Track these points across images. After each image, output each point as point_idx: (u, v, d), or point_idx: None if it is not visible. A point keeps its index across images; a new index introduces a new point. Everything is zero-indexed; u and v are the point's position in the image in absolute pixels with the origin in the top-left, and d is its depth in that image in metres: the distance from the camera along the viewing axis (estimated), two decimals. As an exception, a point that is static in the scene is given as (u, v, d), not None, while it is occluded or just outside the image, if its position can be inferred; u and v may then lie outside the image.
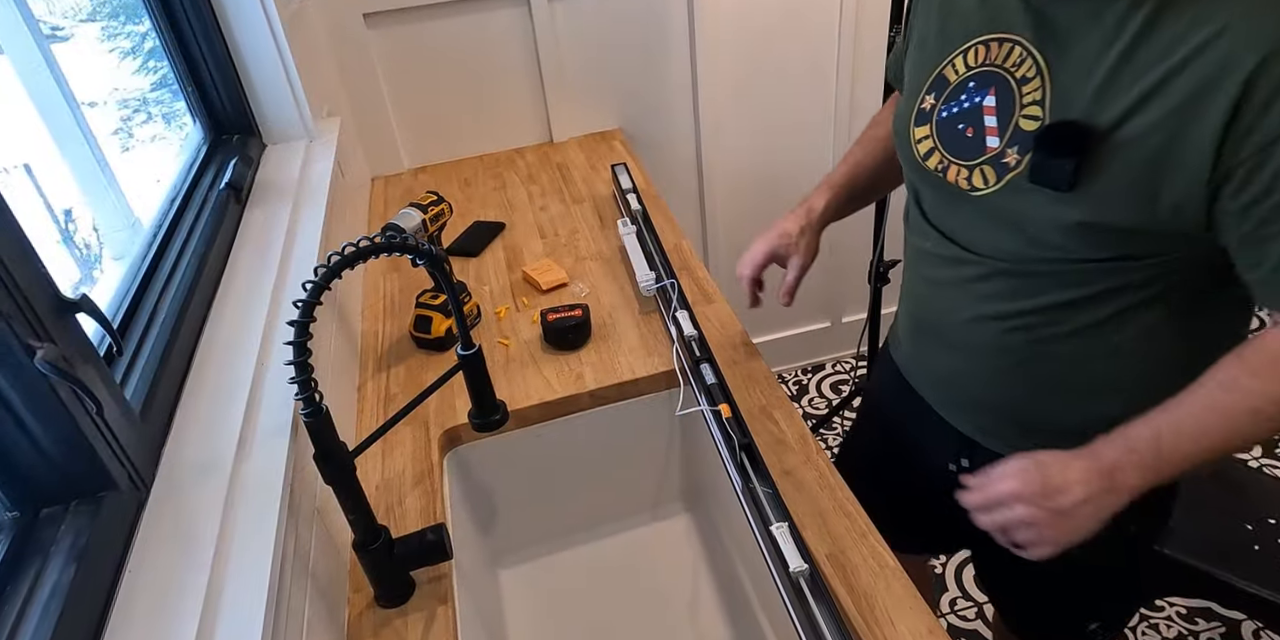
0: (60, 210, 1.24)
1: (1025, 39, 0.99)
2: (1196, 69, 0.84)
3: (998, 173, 1.02)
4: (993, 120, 1.03)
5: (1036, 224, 1.00)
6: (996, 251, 1.08)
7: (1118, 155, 0.90)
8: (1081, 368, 1.11)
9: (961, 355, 1.21)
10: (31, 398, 0.77)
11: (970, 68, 1.06)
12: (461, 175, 2.22)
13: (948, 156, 1.09)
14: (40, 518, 0.81)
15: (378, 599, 1.12)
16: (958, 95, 1.07)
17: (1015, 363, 1.14)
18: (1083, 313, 1.05)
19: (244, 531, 0.90)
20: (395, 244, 0.95)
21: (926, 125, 1.12)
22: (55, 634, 0.69)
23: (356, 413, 1.43)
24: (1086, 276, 1.02)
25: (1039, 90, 0.97)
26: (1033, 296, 1.07)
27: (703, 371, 1.37)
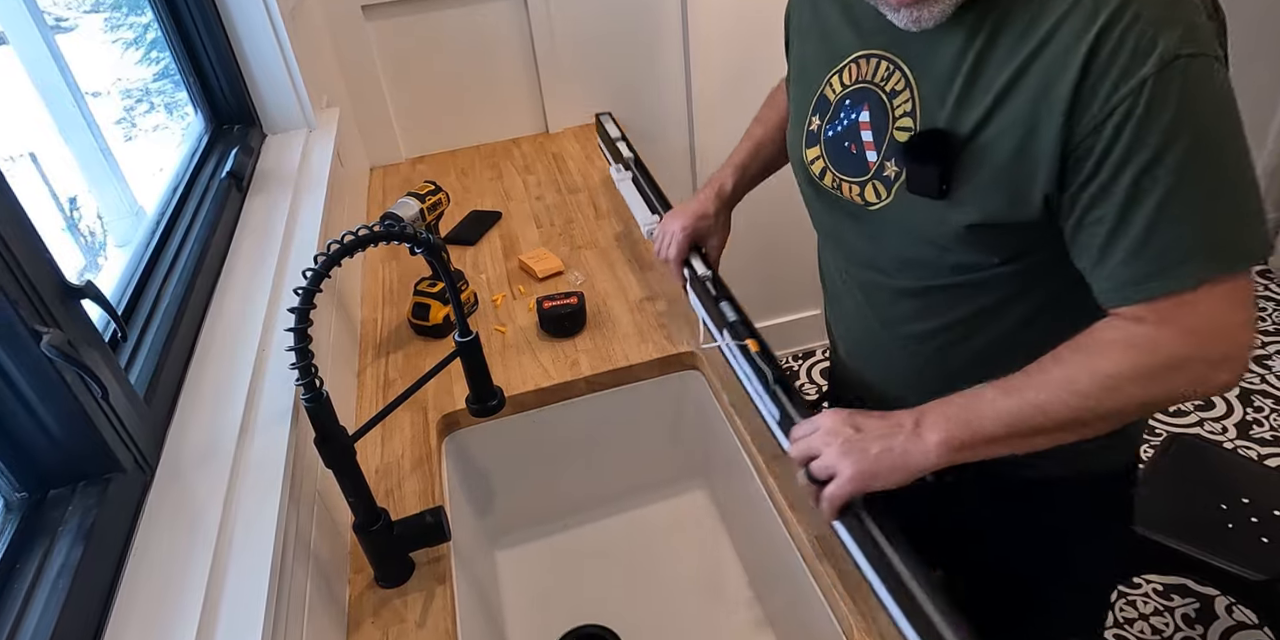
0: (65, 198, 1.24)
1: (892, 54, 0.99)
2: (1042, 61, 0.85)
3: (885, 186, 1.02)
4: (869, 135, 1.03)
5: (929, 233, 1.00)
6: (901, 269, 1.08)
7: (982, 156, 0.91)
8: (1002, 370, 1.02)
9: (882, 372, 1.22)
10: (38, 382, 0.78)
11: (845, 86, 1.06)
12: (458, 165, 2.22)
13: (838, 175, 1.09)
14: (48, 498, 0.82)
15: (378, 579, 1.12)
16: (838, 114, 1.07)
17: (936, 376, 1.12)
18: (993, 320, 1.05)
19: (246, 513, 0.90)
20: (394, 233, 0.95)
21: (816, 146, 1.12)
22: (64, 610, 0.70)
23: (356, 398, 1.43)
24: (990, 283, 1.01)
25: (909, 102, 0.97)
26: (941, 313, 1.07)
27: (723, 310, 1.31)
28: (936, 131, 0.94)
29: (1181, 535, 1.71)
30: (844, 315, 1.25)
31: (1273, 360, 2.89)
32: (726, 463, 1.41)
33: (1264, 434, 2.62)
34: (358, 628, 1.07)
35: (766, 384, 1.17)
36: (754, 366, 1.19)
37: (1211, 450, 1.96)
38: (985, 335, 1.07)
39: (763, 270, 2.78)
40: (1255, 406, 2.71)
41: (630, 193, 1.70)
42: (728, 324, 1.26)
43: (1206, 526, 1.73)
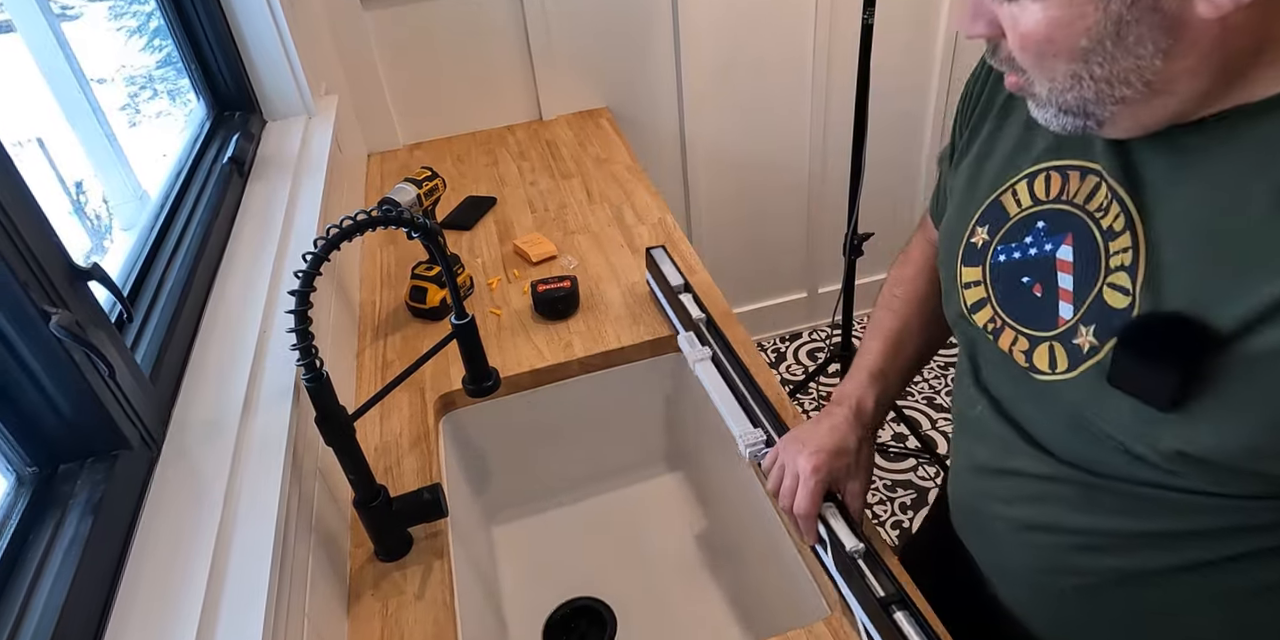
0: (72, 182, 1.24)
1: (1108, 173, 0.69)
2: None
3: (1070, 356, 0.72)
4: (1068, 281, 0.72)
5: (1125, 440, 0.70)
6: (1064, 450, 0.78)
7: (1242, 373, 0.60)
8: (1172, 617, 0.81)
9: (999, 559, 0.95)
10: (48, 361, 0.78)
11: (1038, 201, 0.75)
12: (454, 151, 2.21)
13: (1004, 317, 0.79)
14: (58, 473, 0.82)
15: (378, 554, 1.13)
16: (1021, 235, 0.77)
17: (1072, 590, 0.85)
18: (1182, 549, 0.75)
19: (250, 489, 0.91)
20: (391, 217, 0.95)
21: (978, 267, 0.81)
22: (75, 580, 0.71)
23: (355, 378, 1.44)
24: (1205, 510, 0.71)
25: (1129, 252, 0.66)
26: (1119, 515, 0.77)
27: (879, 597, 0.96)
28: (1178, 319, 0.63)
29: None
30: (968, 444, 0.93)
31: None
32: (714, 441, 1.42)
33: None
34: (358, 599, 1.08)
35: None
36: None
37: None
38: (1161, 561, 0.77)
39: (750, 255, 2.79)
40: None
41: (714, 383, 1.27)
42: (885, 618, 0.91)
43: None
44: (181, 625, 0.74)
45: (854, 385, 1.07)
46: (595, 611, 1.41)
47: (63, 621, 0.68)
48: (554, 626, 1.39)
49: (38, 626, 0.67)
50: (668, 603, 1.42)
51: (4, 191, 0.75)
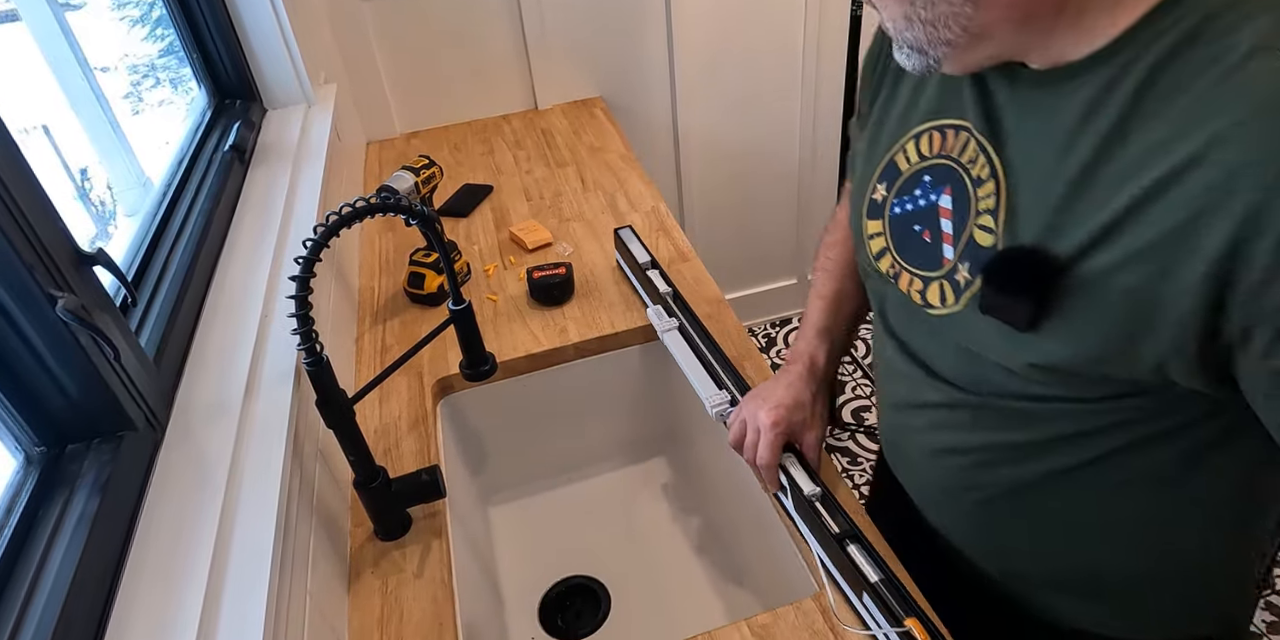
0: (76, 169, 1.24)
1: (977, 128, 0.77)
2: (1178, 196, 0.61)
3: (954, 291, 0.80)
4: (949, 225, 0.80)
5: (999, 358, 0.79)
6: (958, 377, 0.87)
7: (1082, 292, 0.68)
8: (1054, 517, 0.90)
9: (921, 484, 1.04)
10: (54, 343, 0.79)
11: (924, 157, 0.83)
12: (451, 140, 2.21)
13: (901, 262, 0.87)
14: (66, 453, 0.83)
15: (377, 533, 1.13)
16: (911, 189, 0.85)
17: (973, 504, 0.95)
18: (1061, 453, 0.83)
19: (253, 469, 0.91)
20: (389, 205, 0.95)
21: (879, 220, 0.89)
22: (83, 556, 0.71)
23: (355, 363, 1.44)
24: (1064, 415, 0.80)
25: (992, 197, 0.75)
26: (1001, 430, 0.86)
27: (851, 554, 1.01)
28: (1026, 250, 0.71)
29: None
30: (886, 386, 1.02)
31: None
32: (705, 424, 1.43)
33: None
34: (359, 578, 1.08)
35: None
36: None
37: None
38: (1045, 466, 0.85)
39: (741, 243, 2.79)
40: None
41: (681, 350, 1.34)
42: (850, 567, 0.98)
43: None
44: (187, 601, 0.75)
45: (804, 344, 1.15)
46: (590, 589, 1.42)
47: (71, 596, 0.69)
48: (549, 604, 1.40)
49: (48, 601, 0.68)
50: (660, 581, 1.43)
51: (11, 178, 0.76)
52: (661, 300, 1.43)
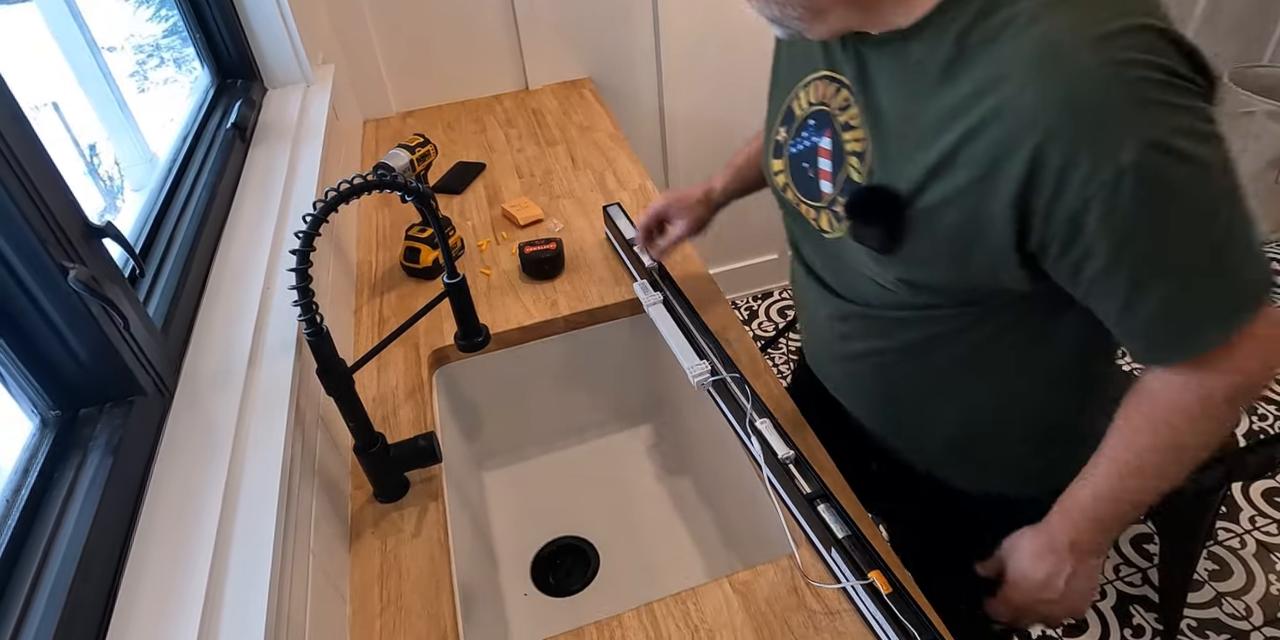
0: (86, 145, 1.23)
1: (849, 81, 0.87)
2: (984, 141, 0.74)
3: (836, 220, 0.94)
4: (827, 164, 0.93)
5: (874, 275, 0.93)
6: (851, 292, 1.00)
7: (922, 222, 0.82)
8: (946, 398, 1.04)
9: (833, 382, 1.18)
10: (67, 312, 0.79)
11: (811, 105, 0.94)
12: (445, 119, 2.21)
13: (799, 195, 1.00)
14: (79, 417, 0.84)
15: (376, 496, 1.14)
16: (801, 132, 0.97)
17: (882, 395, 1.10)
18: (938, 350, 0.98)
19: (257, 434, 0.92)
20: (386, 181, 0.95)
21: (781, 159, 1.02)
22: (97, 514, 0.73)
23: (354, 334, 1.45)
24: (939, 319, 0.94)
25: (861, 142, 0.87)
26: (887, 336, 1.01)
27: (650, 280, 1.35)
28: (879, 189, 0.84)
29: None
30: (799, 300, 1.19)
31: None
32: (689, 393, 1.44)
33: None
34: (359, 537, 1.10)
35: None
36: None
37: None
38: (925, 362, 1.01)
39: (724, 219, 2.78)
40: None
41: (665, 323, 1.36)
42: (820, 524, 1.04)
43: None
44: (197, 558, 0.76)
45: (720, 173, 1.39)
46: (579, 549, 1.44)
47: (87, 551, 0.70)
48: (541, 562, 1.42)
49: (64, 556, 0.69)
50: (646, 540, 1.44)
51: (24, 153, 0.76)
52: (648, 275, 1.45)
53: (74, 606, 0.66)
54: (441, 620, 1.00)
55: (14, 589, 0.67)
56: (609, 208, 1.60)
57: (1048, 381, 1.00)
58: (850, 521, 0.99)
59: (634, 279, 1.48)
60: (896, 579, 0.92)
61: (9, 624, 0.64)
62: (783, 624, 0.96)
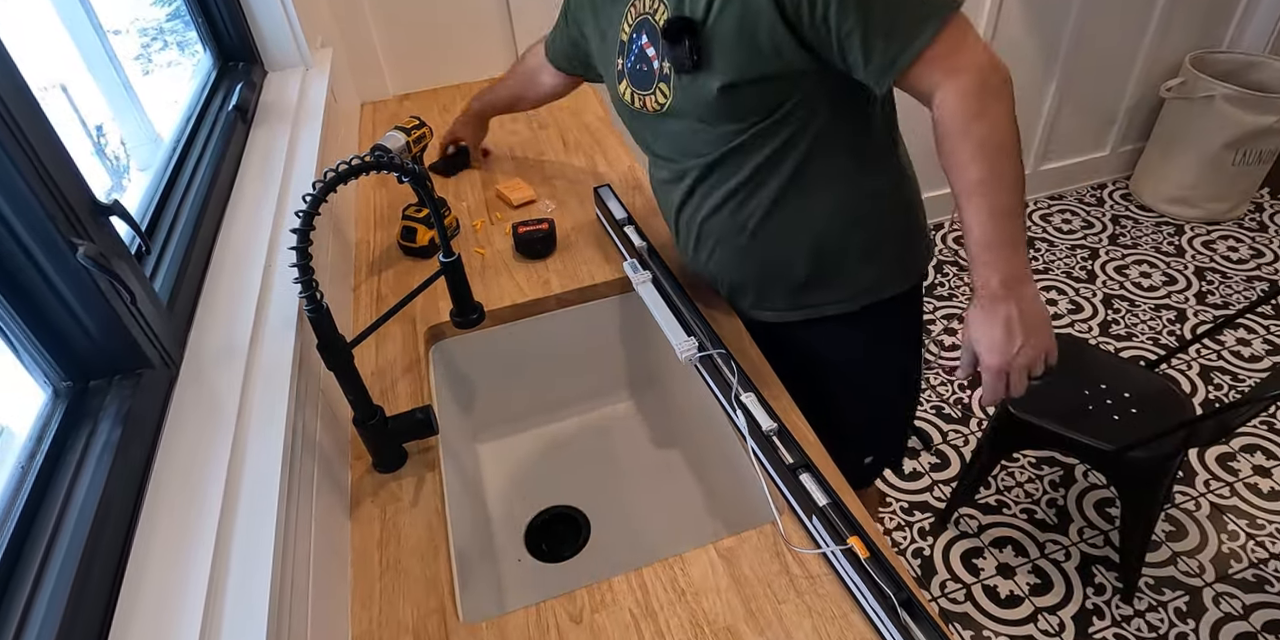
0: (93, 126, 1.23)
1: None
2: None
3: (666, 84, 1.14)
4: (651, 50, 1.15)
5: (700, 111, 1.13)
6: (691, 152, 1.20)
7: (715, 33, 1.04)
8: (796, 229, 1.22)
9: (704, 264, 1.35)
10: (76, 287, 0.80)
11: (632, 25, 1.17)
12: (440, 102, 2.20)
13: (638, 93, 1.20)
14: (90, 387, 0.85)
15: (375, 466, 1.15)
16: (631, 48, 1.18)
17: (740, 250, 1.28)
18: (772, 172, 1.16)
19: (260, 406, 0.93)
20: (383, 163, 0.96)
21: (625, 80, 1.22)
22: (109, 480, 0.74)
23: (353, 310, 1.45)
24: (758, 142, 1.13)
25: (661, 6, 1.10)
26: (728, 178, 1.19)
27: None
28: (680, 18, 1.06)
29: (1051, 416, 1.81)
30: (669, 211, 1.36)
31: (1129, 270, 3.02)
32: (676, 368, 1.45)
33: (1120, 331, 2.76)
34: (359, 506, 1.11)
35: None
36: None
37: (1080, 345, 2.05)
38: (769, 187, 1.18)
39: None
40: (1114, 308, 2.85)
41: (654, 300, 1.36)
42: (801, 493, 1.05)
43: (1071, 409, 1.82)
44: (204, 525, 0.77)
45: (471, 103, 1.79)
46: (571, 517, 1.45)
47: (100, 514, 0.71)
48: (534, 530, 1.43)
49: (78, 518, 0.70)
50: (636, 509, 1.46)
51: (34, 133, 0.76)
52: (637, 254, 1.45)
53: (89, 562, 0.68)
54: (439, 584, 1.01)
55: (32, 546, 0.68)
56: (599, 189, 1.60)
57: (875, 180, 1.21)
58: (830, 490, 1.01)
59: (624, 258, 1.49)
60: (874, 544, 0.94)
61: (29, 577, 0.65)
62: (765, 587, 0.98)
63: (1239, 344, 2.67)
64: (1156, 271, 2.99)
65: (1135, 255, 3.08)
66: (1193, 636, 1.90)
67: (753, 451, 1.11)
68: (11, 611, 0.64)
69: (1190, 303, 2.85)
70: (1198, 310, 2.82)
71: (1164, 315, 2.80)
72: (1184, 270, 2.99)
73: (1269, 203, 3.28)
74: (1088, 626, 1.94)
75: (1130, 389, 1.87)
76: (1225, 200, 3.15)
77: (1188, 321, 2.78)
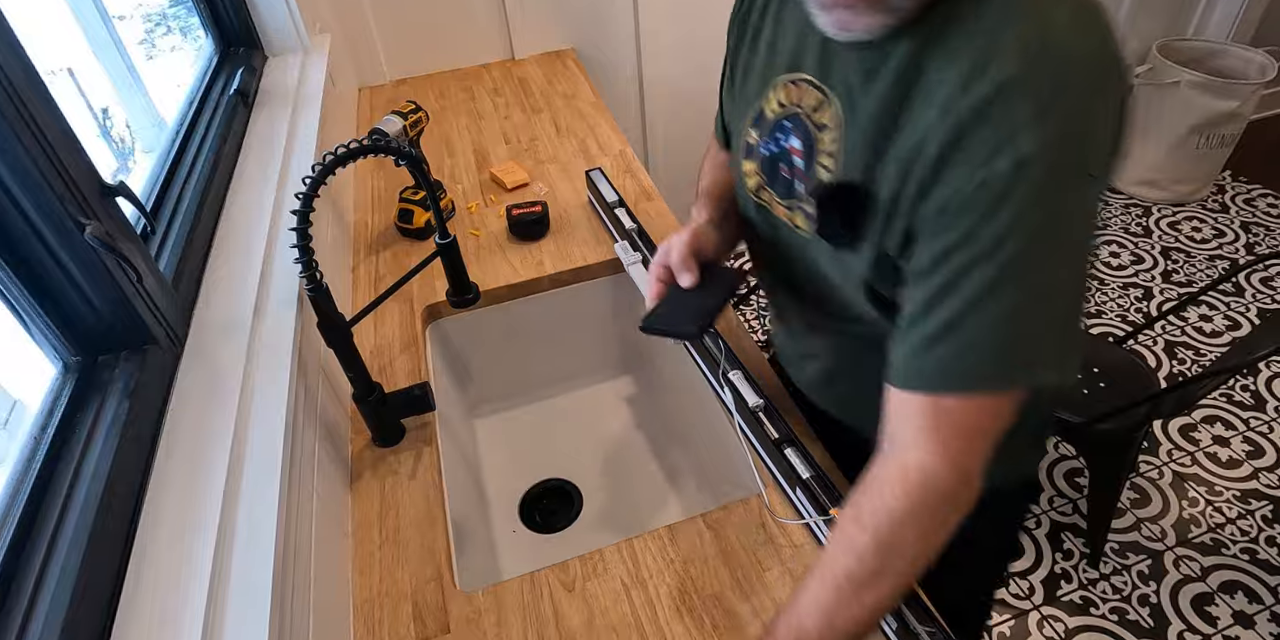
0: (99, 109, 1.23)
1: (820, 82, 0.82)
2: (936, 117, 0.69)
3: (807, 219, 0.88)
4: (800, 163, 0.87)
5: (835, 276, 0.88)
6: (823, 289, 0.93)
7: (878, 206, 0.77)
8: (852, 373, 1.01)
9: (805, 380, 1.13)
10: (84, 266, 0.80)
11: (783, 106, 0.88)
12: (436, 87, 2.19)
13: (773, 195, 0.93)
14: (98, 363, 0.85)
15: (375, 441, 1.16)
16: (774, 133, 0.90)
17: (851, 382, 1.04)
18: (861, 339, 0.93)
19: (263, 382, 0.93)
20: (380, 146, 0.96)
21: (753, 161, 0.95)
22: (118, 449, 0.74)
23: (351, 290, 1.45)
24: (860, 308, 0.89)
25: (835, 142, 0.81)
26: (843, 334, 0.98)
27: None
28: (850, 187, 0.79)
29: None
30: (770, 301, 1.15)
31: (1099, 250, 3.04)
32: (665, 347, 1.46)
33: (1089, 308, 2.77)
34: (359, 479, 1.12)
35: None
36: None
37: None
38: (876, 359, 0.87)
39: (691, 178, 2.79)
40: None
41: (644, 281, 1.33)
42: (786, 466, 1.05)
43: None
44: (209, 497, 0.78)
45: (697, 207, 1.13)
46: (564, 490, 1.46)
47: (110, 482, 0.72)
48: (528, 503, 1.44)
49: (88, 489, 0.71)
50: (626, 482, 1.47)
51: (42, 117, 0.76)
52: (628, 236, 1.45)
53: (100, 531, 0.68)
54: (436, 554, 1.02)
55: (45, 516, 0.69)
56: (591, 172, 1.60)
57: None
58: (814, 463, 1.02)
59: (615, 240, 1.49)
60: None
61: (41, 546, 0.66)
62: (751, 556, 0.99)
63: (1201, 320, 2.71)
64: (1125, 251, 3.01)
65: (1105, 235, 3.10)
66: (1154, 597, 1.94)
67: (739, 427, 1.11)
68: (28, 571, 0.65)
69: (1156, 281, 2.88)
70: (1163, 288, 2.84)
71: (1131, 293, 2.83)
72: (1151, 250, 3.01)
73: (1230, 185, 3.30)
74: (1056, 590, 1.97)
75: (1099, 364, 1.89)
76: (1190, 182, 3.17)
77: (1154, 299, 2.80)
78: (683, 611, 0.94)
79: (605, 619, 0.94)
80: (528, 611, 0.96)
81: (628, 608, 0.95)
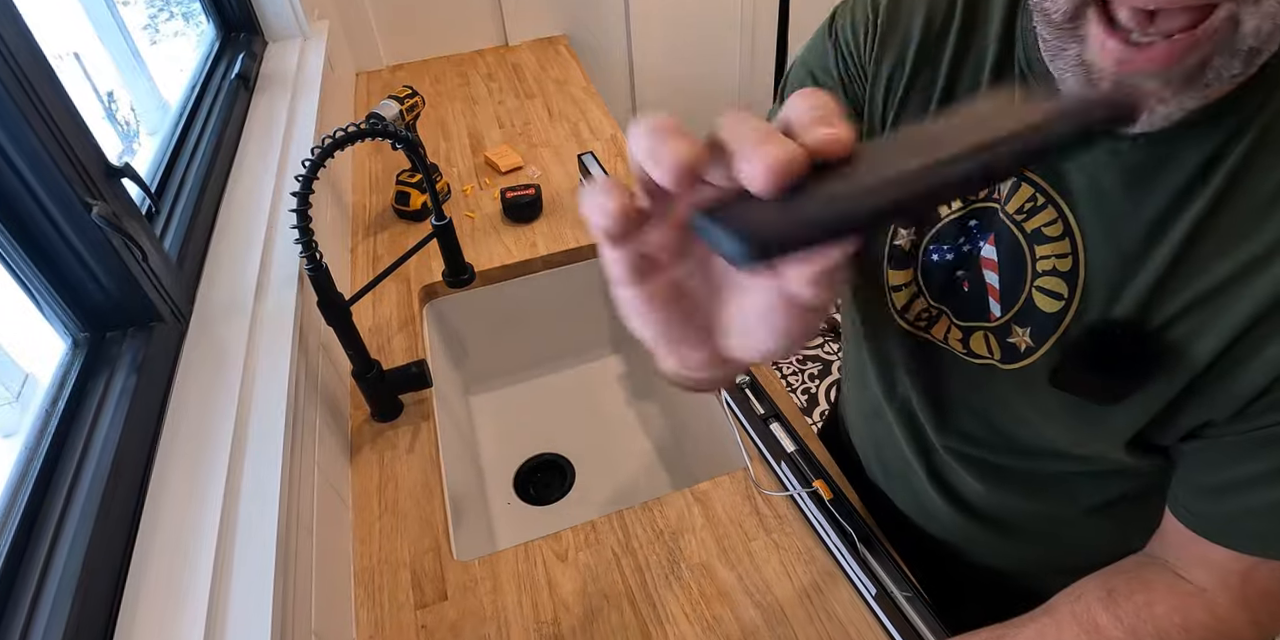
0: (104, 92, 1.22)
1: (1044, 181, 0.59)
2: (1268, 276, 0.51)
3: (1004, 351, 0.65)
4: (994, 279, 0.64)
5: (1044, 428, 0.66)
6: (974, 428, 0.73)
7: (1168, 356, 0.56)
8: (1031, 536, 0.82)
9: (914, 511, 0.92)
10: (91, 245, 0.80)
11: (967, 202, 0.64)
12: (431, 73, 2.18)
13: (939, 307, 0.69)
14: (106, 338, 0.85)
15: (374, 416, 1.17)
16: (954, 236, 0.66)
17: (978, 539, 0.86)
18: (1059, 504, 0.75)
19: (265, 359, 0.93)
20: (378, 130, 0.96)
21: (909, 269, 0.69)
22: (126, 423, 0.75)
23: (350, 270, 1.45)
24: (1080, 477, 0.71)
25: (1068, 258, 0.58)
26: (1027, 498, 0.76)
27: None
28: (1125, 325, 0.57)
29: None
30: (877, 443, 0.92)
31: None
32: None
33: None
34: (359, 452, 1.12)
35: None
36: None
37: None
38: (1064, 520, 0.77)
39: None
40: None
41: None
42: (771, 440, 1.05)
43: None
44: (214, 466, 0.78)
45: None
46: (557, 464, 1.47)
47: (118, 455, 0.72)
48: (522, 476, 1.45)
49: (99, 460, 0.71)
50: (617, 456, 1.48)
51: (49, 100, 0.76)
52: (619, 218, 1.45)
53: (109, 500, 0.69)
54: (434, 524, 1.03)
55: (56, 486, 0.70)
56: (583, 156, 1.60)
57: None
58: (798, 438, 1.03)
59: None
60: (837, 487, 0.97)
61: (55, 510, 0.67)
62: (737, 527, 1.01)
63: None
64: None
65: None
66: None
67: (726, 403, 1.13)
68: (41, 539, 0.66)
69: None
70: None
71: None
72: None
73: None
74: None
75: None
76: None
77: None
78: (671, 580, 0.96)
79: (597, 586, 0.96)
80: (522, 580, 0.97)
81: (618, 576, 0.97)
